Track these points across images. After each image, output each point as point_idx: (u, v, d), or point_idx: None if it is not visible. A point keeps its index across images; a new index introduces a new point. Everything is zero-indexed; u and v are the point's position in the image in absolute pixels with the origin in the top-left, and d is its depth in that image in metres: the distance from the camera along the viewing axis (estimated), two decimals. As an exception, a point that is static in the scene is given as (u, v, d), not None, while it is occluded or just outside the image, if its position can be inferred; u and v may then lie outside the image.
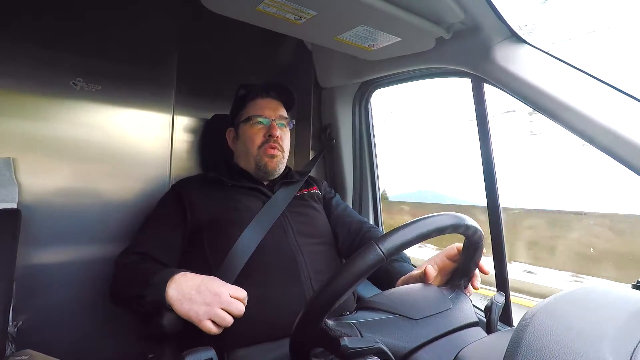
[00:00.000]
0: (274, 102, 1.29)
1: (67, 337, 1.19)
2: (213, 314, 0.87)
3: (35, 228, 1.14)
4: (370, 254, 0.60)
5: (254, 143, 1.23)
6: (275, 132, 1.22)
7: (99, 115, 1.27)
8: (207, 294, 0.89)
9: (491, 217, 1.22)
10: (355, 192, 1.78)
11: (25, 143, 1.15)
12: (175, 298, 0.89)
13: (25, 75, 1.15)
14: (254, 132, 1.23)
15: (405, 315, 0.70)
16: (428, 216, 0.66)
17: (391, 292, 0.78)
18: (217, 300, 0.88)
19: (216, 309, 0.87)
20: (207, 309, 0.87)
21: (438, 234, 0.66)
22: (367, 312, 0.72)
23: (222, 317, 0.87)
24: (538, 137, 3.69)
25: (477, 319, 0.77)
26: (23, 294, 1.11)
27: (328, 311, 0.61)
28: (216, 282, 0.92)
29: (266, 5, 0.99)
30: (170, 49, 1.43)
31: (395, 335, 0.66)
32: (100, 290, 1.19)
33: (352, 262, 0.61)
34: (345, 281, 0.60)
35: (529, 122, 3.71)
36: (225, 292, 0.89)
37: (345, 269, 0.60)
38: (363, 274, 0.60)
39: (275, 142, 1.22)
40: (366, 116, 1.77)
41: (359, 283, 0.62)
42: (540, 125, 3.55)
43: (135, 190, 1.34)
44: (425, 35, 1.14)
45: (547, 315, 0.47)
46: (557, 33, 0.88)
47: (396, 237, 0.62)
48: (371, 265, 0.60)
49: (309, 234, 1.15)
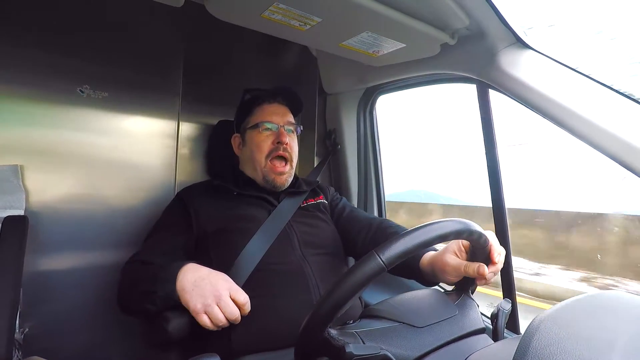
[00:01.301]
0: (282, 107, 1.27)
1: (73, 344, 1.19)
2: (209, 309, 0.86)
3: (42, 235, 1.15)
4: (370, 263, 0.60)
5: (262, 150, 1.21)
6: (285, 139, 1.20)
7: (106, 122, 1.28)
8: (208, 287, 0.88)
9: (497, 221, 1.21)
10: (360, 198, 1.78)
11: (32, 150, 1.16)
12: (181, 287, 0.89)
13: (32, 82, 1.16)
14: (262, 138, 1.21)
15: (409, 323, 0.69)
16: (430, 223, 0.66)
17: (395, 300, 0.77)
18: (216, 295, 0.87)
19: (212, 304, 0.86)
20: (203, 302, 0.86)
21: (441, 240, 0.66)
22: (370, 320, 0.71)
23: (216, 315, 0.86)
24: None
25: (484, 325, 0.76)
26: (30, 300, 1.11)
27: (330, 321, 0.61)
28: (221, 278, 0.91)
29: (271, 12, 1.00)
30: (175, 56, 1.44)
31: (399, 344, 0.65)
32: (107, 297, 1.19)
33: (352, 272, 0.60)
34: (345, 291, 0.60)
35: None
36: (225, 291, 0.88)
37: (345, 279, 0.60)
38: (363, 283, 0.59)
39: (284, 151, 1.21)
40: (371, 122, 1.77)
41: (360, 293, 0.61)
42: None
43: (141, 196, 1.35)
44: (430, 41, 1.14)
45: (555, 323, 0.47)
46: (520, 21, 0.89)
47: (397, 245, 0.61)
48: (370, 276, 0.59)
49: (314, 244, 1.14)
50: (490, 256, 0.82)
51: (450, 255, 0.90)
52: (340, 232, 1.26)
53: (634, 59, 1.63)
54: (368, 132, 1.77)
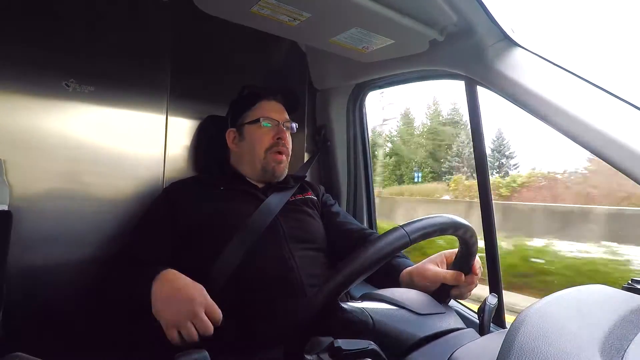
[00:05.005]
0: (280, 105, 1.31)
1: (58, 341, 1.17)
2: (182, 325, 0.83)
3: (26, 230, 1.13)
4: (396, 233, 0.64)
5: (262, 145, 1.23)
6: (285, 135, 1.24)
7: (92, 117, 1.26)
8: (183, 303, 0.85)
9: (484, 216, 1.22)
10: (350, 195, 1.78)
11: (16, 144, 1.13)
12: (155, 298, 0.87)
13: (16, 76, 1.14)
14: (262, 133, 1.24)
15: (410, 309, 0.72)
16: (447, 215, 0.72)
17: (392, 290, 0.80)
18: (190, 312, 0.84)
19: (185, 321, 0.83)
20: (176, 319, 0.84)
21: (454, 231, 0.73)
22: (373, 302, 0.74)
23: (190, 332, 0.83)
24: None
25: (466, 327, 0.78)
26: (14, 296, 1.09)
27: (346, 289, 0.63)
28: (197, 293, 0.88)
29: (260, 7, 0.99)
30: (163, 50, 1.42)
31: (405, 324, 0.68)
32: (93, 292, 1.18)
33: (378, 241, 0.63)
34: (369, 259, 0.62)
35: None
36: (200, 308, 0.85)
37: (371, 246, 0.63)
38: (388, 254, 0.63)
39: (283, 146, 1.24)
40: (360, 118, 1.77)
41: (381, 264, 0.63)
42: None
43: (129, 192, 1.33)
44: (419, 38, 1.14)
45: (540, 317, 0.47)
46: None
47: (422, 223, 0.67)
48: (395, 247, 0.63)
49: (301, 239, 1.15)
50: (473, 267, 0.89)
51: (431, 264, 0.96)
52: (330, 235, 1.27)
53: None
54: (357, 128, 1.78)
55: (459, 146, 15.23)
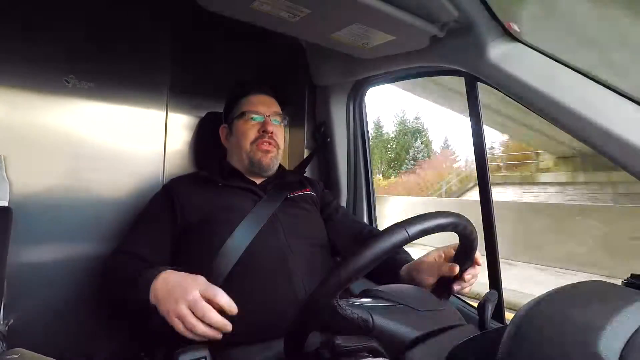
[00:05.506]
0: (268, 98, 1.30)
1: (58, 336, 1.18)
2: (180, 313, 0.81)
3: (26, 226, 1.13)
4: (397, 230, 0.64)
5: (248, 138, 1.22)
6: (270, 127, 1.22)
7: (92, 113, 1.26)
8: (178, 290, 0.83)
9: (484, 212, 1.22)
10: (350, 191, 1.78)
11: (16, 140, 1.14)
12: (157, 298, 0.86)
13: (16, 72, 1.14)
14: (248, 127, 1.23)
15: (410, 305, 0.73)
16: (448, 211, 0.72)
17: (392, 287, 0.81)
18: (186, 299, 0.81)
19: (182, 308, 0.80)
20: (174, 307, 0.81)
21: (454, 228, 0.73)
22: (373, 298, 0.73)
23: (189, 320, 0.80)
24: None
25: (466, 323, 0.78)
26: (14, 292, 1.09)
27: (346, 286, 0.62)
28: (192, 279, 0.86)
29: (261, 3, 0.99)
30: (163, 47, 1.42)
31: (404, 321, 0.69)
32: (93, 289, 1.19)
33: (379, 238, 0.63)
34: (369, 255, 0.62)
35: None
36: (195, 291, 0.82)
37: (371, 243, 0.62)
38: (388, 251, 0.62)
39: (270, 139, 1.22)
40: (360, 114, 1.77)
41: (380, 260, 0.63)
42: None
43: (129, 188, 1.33)
44: (419, 34, 1.14)
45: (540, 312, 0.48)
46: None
47: (421, 220, 0.66)
48: (395, 244, 0.63)
49: (300, 235, 1.14)
50: (476, 259, 0.89)
51: (427, 258, 0.99)
52: (329, 233, 1.27)
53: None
54: (357, 125, 1.77)
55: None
